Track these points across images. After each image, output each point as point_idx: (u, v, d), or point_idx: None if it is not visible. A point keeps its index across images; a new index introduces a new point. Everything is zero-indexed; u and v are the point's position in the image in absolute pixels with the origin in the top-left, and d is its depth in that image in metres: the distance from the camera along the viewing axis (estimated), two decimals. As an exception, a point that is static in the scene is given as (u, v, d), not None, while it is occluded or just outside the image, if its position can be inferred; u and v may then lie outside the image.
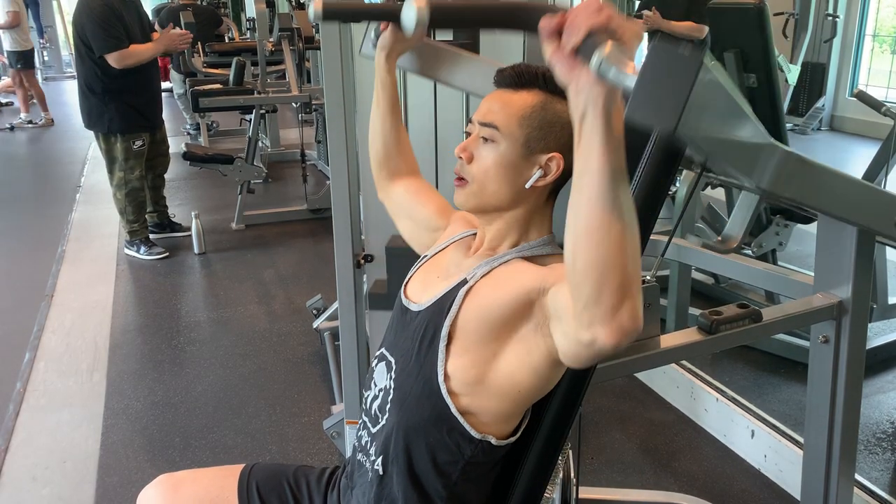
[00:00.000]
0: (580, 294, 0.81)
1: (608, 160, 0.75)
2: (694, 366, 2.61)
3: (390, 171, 1.34)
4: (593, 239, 0.78)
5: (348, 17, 1.24)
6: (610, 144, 0.75)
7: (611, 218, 0.77)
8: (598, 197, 0.76)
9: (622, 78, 0.66)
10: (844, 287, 1.39)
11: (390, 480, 1.09)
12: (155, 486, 1.29)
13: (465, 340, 1.03)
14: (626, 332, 0.79)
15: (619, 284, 0.78)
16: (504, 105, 1.06)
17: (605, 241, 0.77)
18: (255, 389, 2.79)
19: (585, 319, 0.81)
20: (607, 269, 0.78)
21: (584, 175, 0.78)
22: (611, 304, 0.78)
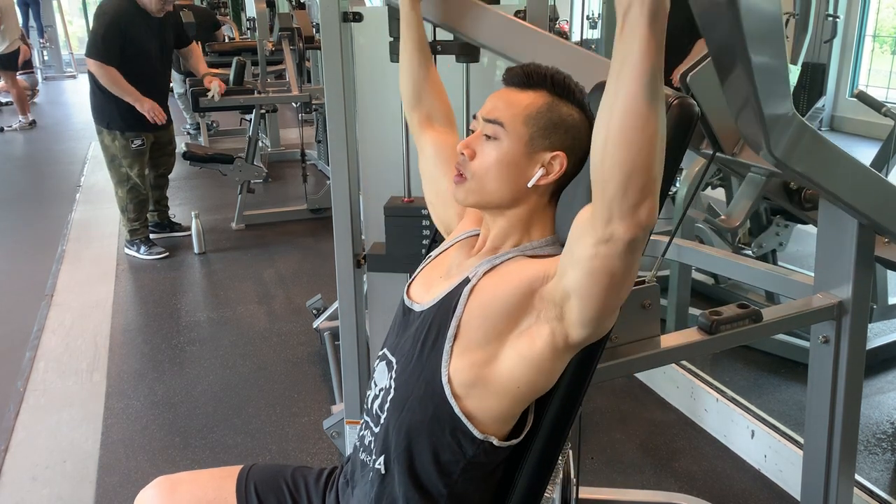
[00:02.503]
0: (604, 191, 0.83)
1: (650, 55, 0.77)
2: (694, 366, 2.61)
3: (422, 114, 1.34)
4: (627, 136, 0.80)
5: None
6: (654, 38, 0.76)
7: (648, 112, 0.79)
8: (636, 93, 0.78)
9: None
10: (844, 287, 1.39)
11: (391, 480, 1.09)
12: (153, 488, 1.29)
13: (468, 339, 1.03)
14: (644, 227, 0.84)
15: (644, 184, 0.81)
16: (510, 104, 1.06)
17: (640, 138, 0.79)
18: (255, 389, 2.79)
19: (605, 216, 0.84)
20: (636, 168, 0.80)
21: (622, 70, 0.79)
22: (633, 202, 0.82)
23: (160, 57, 4.06)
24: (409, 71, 1.34)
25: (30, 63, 9.27)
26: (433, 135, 1.33)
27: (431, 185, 1.32)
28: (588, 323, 0.94)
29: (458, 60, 1.73)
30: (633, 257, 0.87)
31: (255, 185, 4.87)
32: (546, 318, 0.96)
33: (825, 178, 1.13)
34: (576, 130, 1.06)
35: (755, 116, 0.96)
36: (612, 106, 0.81)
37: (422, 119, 1.34)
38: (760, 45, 0.86)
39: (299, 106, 5.34)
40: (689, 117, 1.03)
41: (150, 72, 4.01)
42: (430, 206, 1.34)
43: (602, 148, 0.82)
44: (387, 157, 2.04)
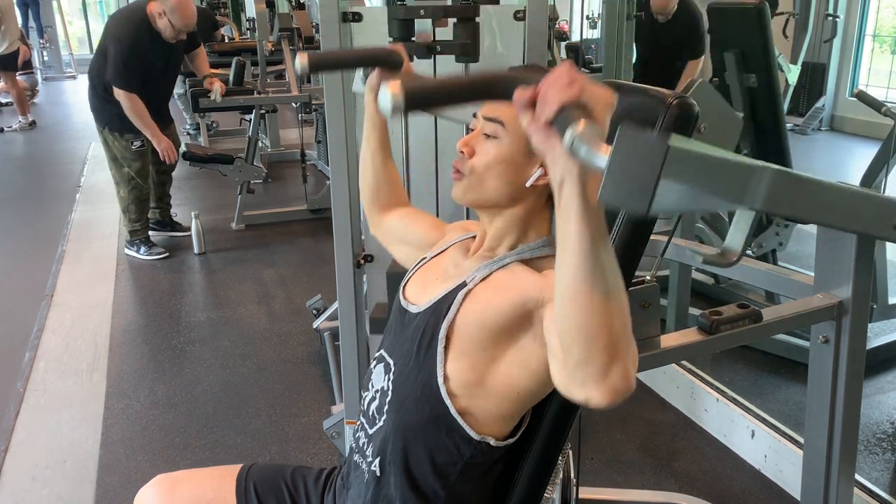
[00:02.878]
0: (570, 354, 0.81)
1: (586, 228, 0.75)
2: (694, 366, 2.61)
3: (381, 204, 1.37)
4: (577, 304, 0.78)
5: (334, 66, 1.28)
6: (588, 213, 0.75)
7: (592, 283, 0.77)
8: (578, 264, 0.76)
9: (594, 158, 0.66)
10: (844, 287, 1.39)
11: (387, 481, 1.09)
12: (152, 487, 1.29)
13: (463, 343, 1.02)
14: (619, 393, 0.80)
15: (606, 345, 0.78)
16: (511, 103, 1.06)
17: (588, 306, 0.77)
18: (255, 389, 2.79)
19: (578, 378, 0.81)
20: (593, 332, 0.78)
21: (564, 241, 0.78)
22: (601, 365, 0.79)
23: (167, 72, 4.09)
24: (372, 169, 1.35)
25: (29, 63, 9.26)
26: (394, 215, 1.36)
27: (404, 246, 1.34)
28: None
29: (457, 60, 1.73)
30: None
31: (255, 185, 4.87)
32: (542, 344, 0.95)
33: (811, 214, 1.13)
34: None
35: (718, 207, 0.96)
36: (558, 279, 0.80)
37: (381, 209, 1.37)
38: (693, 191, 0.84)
39: (299, 106, 5.35)
40: (689, 117, 1.03)
41: (157, 87, 4.03)
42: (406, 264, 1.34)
43: (559, 311, 0.81)
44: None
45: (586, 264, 0.76)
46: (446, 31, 1.77)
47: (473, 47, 1.69)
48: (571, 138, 0.68)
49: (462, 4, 1.68)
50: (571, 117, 0.70)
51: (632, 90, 1.16)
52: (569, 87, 0.73)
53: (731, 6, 3.05)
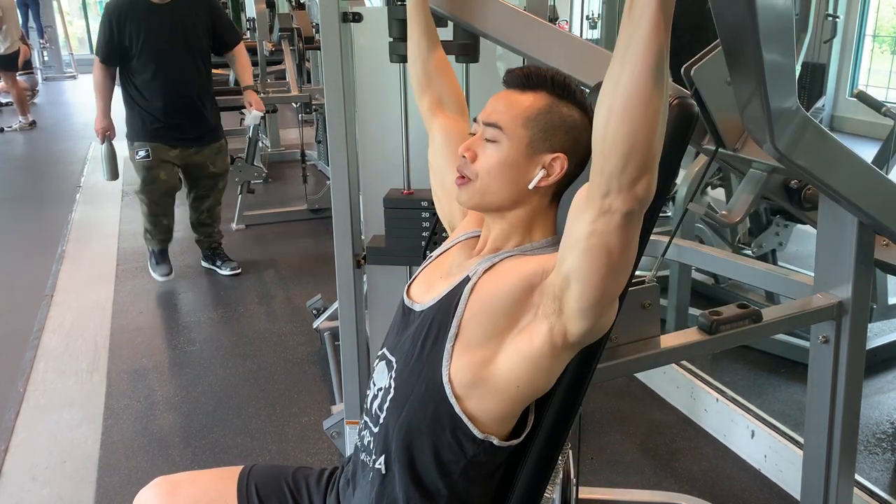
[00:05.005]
0: (604, 166, 0.84)
1: (658, 34, 0.78)
2: (694, 366, 2.62)
3: (432, 98, 1.35)
4: (632, 112, 0.81)
5: None
6: (663, 17, 0.77)
7: (653, 90, 0.80)
8: (642, 71, 0.79)
9: None
10: (844, 287, 1.39)
11: (392, 479, 1.09)
12: (152, 489, 1.28)
13: (468, 338, 1.03)
14: (640, 201, 0.85)
15: (644, 160, 0.83)
16: (510, 106, 1.06)
17: (643, 115, 0.80)
18: (255, 389, 2.79)
19: (603, 190, 0.85)
20: (637, 144, 0.81)
21: (629, 49, 0.80)
22: (632, 177, 0.83)
23: (180, 53, 3.45)
24: (417, 55, 1.34)
25: (30, 63, 9.26)
26: (443, 121, 1.33)
27: (438, 178, 1.32)
28: (587, 312, 0.93)
29: (458, 60, 1.73)
30: (629, 232, 0.88)
31: (255, 185, 4.86)
32: (544, 314, 0.96)
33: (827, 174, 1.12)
34: (576, 131, 1.06)
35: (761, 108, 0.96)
36: (616, 83, 0.81)
37: (432, 103, 1.34)
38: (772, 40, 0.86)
39: (299, 106, 5.34)
40: (689, 117, 1.03)
41: (165, 73, 3.44)
42: (437, 199, 1.34)
43: (605, 123, 0.83)
44: (387, 157, 2.04)
45: (651, 72, 0.79)
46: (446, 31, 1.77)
47: (473, 47, 1.69)
48: None
49: (462, 4, 1.67)
50: None
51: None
52: None
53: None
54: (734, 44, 0.94)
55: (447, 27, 1.76)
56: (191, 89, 3.53)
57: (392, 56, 1.71)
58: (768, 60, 0.89)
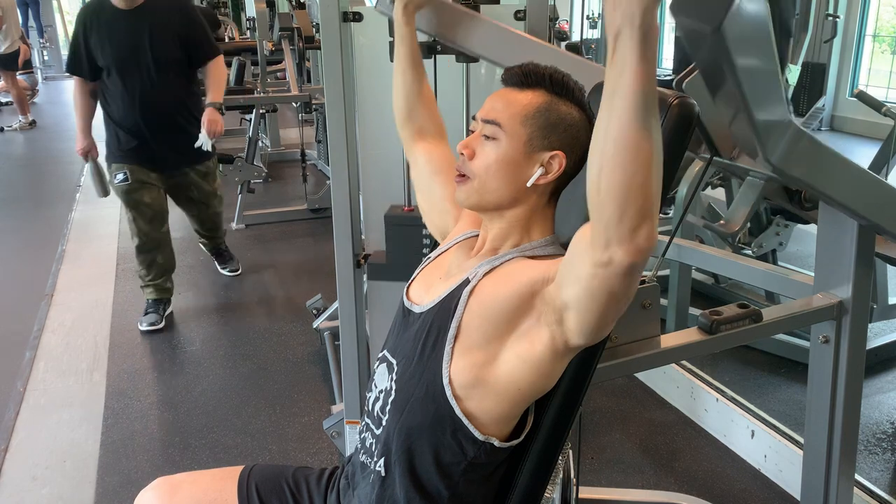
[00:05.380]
0: (601, 215, 0.82)
1: (642, 79, 0.76)
2: (694, 366, 2.61)
3: (414, 128, 1.35)
4: (622, 159, 0.78)
5: None
6: (645, 63, 0.75)
7: (641, 138, 0.77)
8: (630, 117, 0.77)
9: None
10: (844, 287, 1.39)
11: (392, 482, 1.09)
12: (152, 489, 1.28)
13: (468, 340, 1.02)
14: (643, 252, 0.81)
15: (641, 206, 0.80)
16: (508, 104, 1.06)
17: (633, 162, 0.78)
18: (255, 389, 2.79)
19: (603, 240, 0.82)
20: (633, 191, 0.79)
21: (615, 94, 0.78)
22: (631, 226, 0.80)
23: (147, 65, 3.02)
24: (403, 87, 1.35)
25: (30, 63, 9.27)
26: (424, 146, 1.35)
27: (425, 195, 1.33)
28: (587, 333, 0.93)
29: (458, 60, 1.73)
30: (633, 278, 0.85)
31: (255, 185, 4.87)
32: (546, 322, 0.96)
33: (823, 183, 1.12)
34: (575, 129, 1.06)
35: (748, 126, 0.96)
36: (605, 131, 0.80)
37: (413, 133, 1.36)
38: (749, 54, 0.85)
39: (299, 106, 5.34)
40: (689, 117, 1.03)
41: (133, 87, 3.04)
42: (425, 214, 1.35)
43: (598, 172, 0.81)
44: (387, 156, 2.04)
45: (638, 118, 0.77)
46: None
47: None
48: None
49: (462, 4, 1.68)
50: None
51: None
52: None
53: (731, 6, 3.05)
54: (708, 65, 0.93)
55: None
56: (164, 105, 3.12)
57: (392, 56, 1.70)
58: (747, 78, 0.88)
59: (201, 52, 3.20)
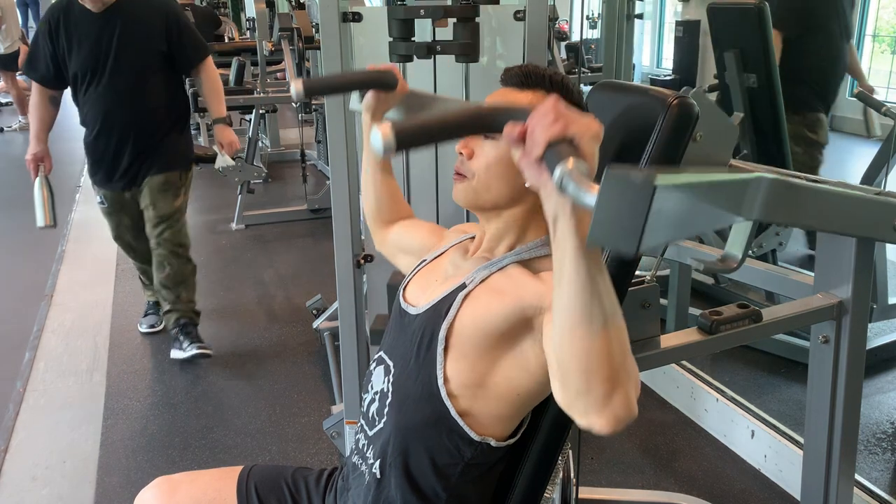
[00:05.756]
0: (569, 385, 0.80)
1: (582, 262, 0.75)
2: (694, 366, 2.61)
3: (384, 220, 1.38)
4: (576, 335, 0.78)
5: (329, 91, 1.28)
6: (583, 248, 0.75)
7: (590, 316, 0.77)
8: (575, 298, 0.76)
9: (582, 196, 0.66)
10: (844, 287, 1.39)
11: (388, 483, 1.09)
12: (152, 489, 1.29)
13: (462, 345, 1.02)
14: (621, 421, 0.79)
15: (607, 376, 0.78)
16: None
17: (587, 337, 0.77)
18: (255, 389, 2.79)
19: (579, 407, 0.81)
20: (592, 363, 0.78)
21: (561, 275, 0.77)
22: (601, 394, 0.78)
23: (121, 78, 2.69)
24: (373, 189, 1.35)
25: (30, 63, 9.26)
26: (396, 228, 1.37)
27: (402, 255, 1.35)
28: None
29: (457, 60, 1.73)
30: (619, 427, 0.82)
31: (255, 185, 4.87)
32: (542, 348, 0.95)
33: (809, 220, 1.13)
34: None
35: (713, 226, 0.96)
36: (558, 309, 0.79)
37: (383, 223, 1.38)
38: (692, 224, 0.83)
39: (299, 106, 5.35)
40: (689, 117, 1.03)
41: (104, 101, 2.73)
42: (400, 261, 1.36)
43: (558, 343, 0.80)
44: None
45: (583, 297, 0.76)
46: (446, 31, 1.77)
47: (473, 47, 1.69)
48: (560, 177, 0.69)
49: (462, 4, 1.68)
50: (560, 154, 0.70)
51: (632, 90, 1.16)
52: (554, 123, 0.73)
53: (731, 6, 3.05)
54: None
55: (447, 27, 1.77)
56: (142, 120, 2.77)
57: (392, 56, 1.71)
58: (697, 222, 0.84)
59: (186, 56, 2.82)
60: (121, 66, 2.69)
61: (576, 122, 0.74)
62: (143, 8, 2.72)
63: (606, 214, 0.63)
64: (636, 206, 0.61)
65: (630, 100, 1.12)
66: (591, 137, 0.74)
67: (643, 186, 0.61)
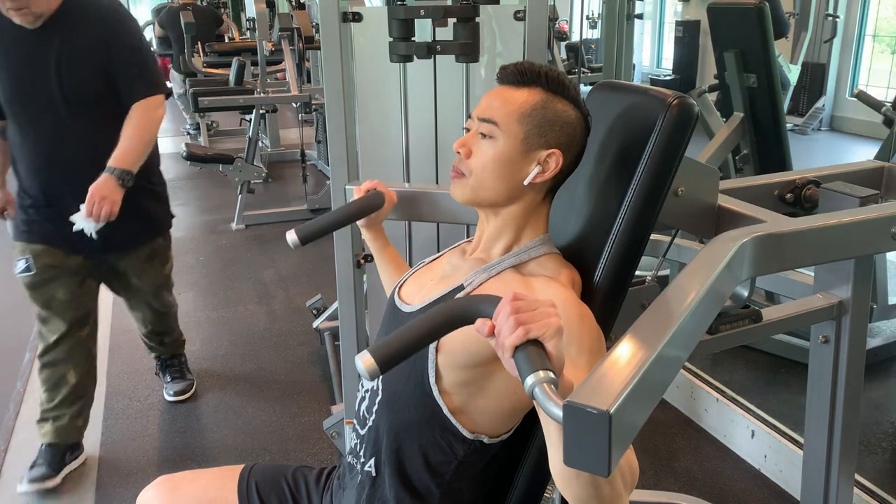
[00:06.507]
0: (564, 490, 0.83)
1: None
2: (694, 366, 2.61)
3: None
4: (572, 488, 0.81)
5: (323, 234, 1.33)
6: None
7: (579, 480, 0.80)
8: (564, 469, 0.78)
9: (551, 410, 0.69)
10: (844, 287, 1.39)
11: (382, 482, 1.09)
12: (154, 488, 1.29)
13: (454, 348, 1.02)
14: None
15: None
16: (504, 102, 1.06)
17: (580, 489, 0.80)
18: (255, 389, 2.79)
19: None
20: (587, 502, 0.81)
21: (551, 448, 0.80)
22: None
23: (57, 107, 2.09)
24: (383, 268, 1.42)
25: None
26: None
27: None
28: None
29: (457, 60, 1.73)
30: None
31: (255, 185, 4.87)
32: None
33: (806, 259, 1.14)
34: (571, 128, 1.06)
35: None
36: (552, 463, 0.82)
37: None
38: None
39: (299, 106, 5.36)
40: (689, 117, 1.03)
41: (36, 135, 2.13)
42: None
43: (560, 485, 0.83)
44: (387, 156, 2.04)
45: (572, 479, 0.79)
46: (446, 31, 1.78)
47: (473, 47, 1.69)
48: (530, 388, 0.71)
49: (462, 4, 1.68)
50: (528, 357, 0.73)
51: (632, 90, 1.16)
52: (515, 327, 0.74)
53: (731, 6, 3.06)
54: None
55: (447, 26, 1.77)
56: (82, 158, 2.14)
57: (392, 56, 1.71)
58: None
59: (128, 86, 2.16)
60: (63, 94, 2.09)
61: (536, 322, 0.75)
62: (86, 20, 2.10)
63: (574, 440, 0.65)
64: (598, 435, 0.63)
65: (630, 100, 1.13)
66: (552, 334, 0.75)
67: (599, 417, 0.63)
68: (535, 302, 0.77)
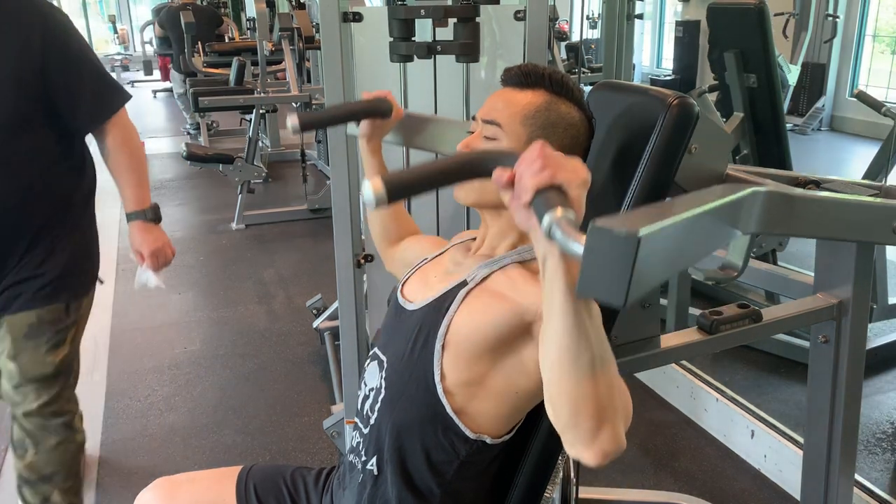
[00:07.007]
0: (559, 417, 0.81)
1: (570, 304, 0.75)
2: (694, 366, 2.62)
3: (390, 240, 1.39)
4: (563, 370, 0.78)
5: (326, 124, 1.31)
6: (571, 290, 0.74)
7: (577, 355, 0.77)
8: (562, 337, 0.76)
9: (570, 245, 0.66)
10: (844, 287, 1.39)
11: (384, 481, 1.09)
12: (152, 490, 1.29)
13: (459, 343, 1.02)
14: (608, 455, 0.80)
15: (594, 412, 0.78)
16: (508, 103, 1.06)
17: (574, 373, 0.77)
18: (255, 389, 2.79)
19: (568, 439, 0.81)
20: (580, 399, 0.78)
21: (550, 314, 0.78)
22: (588, 428, 0.79)
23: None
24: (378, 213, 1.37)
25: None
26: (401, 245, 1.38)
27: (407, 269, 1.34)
28: None
29: (457, 60, 1.73)
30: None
31: (255, 185, 4.88)
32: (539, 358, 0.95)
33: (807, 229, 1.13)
34: (574, 129, 1.06)
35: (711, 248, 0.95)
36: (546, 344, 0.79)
37: (390, 243, 1.40)
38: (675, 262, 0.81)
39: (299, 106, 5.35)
40: (689, 117, 1.03)
41: None
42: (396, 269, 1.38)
43: (547, 377, 0.81)
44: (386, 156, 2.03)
45: (571, 337, 0.76)
46: (446, 31, 1.78)
47: (473, 47, 1.69)
48: (548, 225, 0.69)
49: (462, 4, 1.68)
50: (548, 201, 0.71)
51: (633, 90, 1.16)
52: (542, 170, 0.72)
53: (731, 6, 3.06)
54: None
55: (447, 26, 1.77)
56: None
57: (392, 56, 1.71)
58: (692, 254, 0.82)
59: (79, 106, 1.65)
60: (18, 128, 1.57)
61: (563, 168, 0.73)
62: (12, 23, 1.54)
63: (593, 267, 0.63)
64: (622, 260, 0.61)
65: (630, 100, 1.12)
66: (579, 184, 0.74)
67: (627, 239, 0.61)
68: (565, 156, 0.75)
